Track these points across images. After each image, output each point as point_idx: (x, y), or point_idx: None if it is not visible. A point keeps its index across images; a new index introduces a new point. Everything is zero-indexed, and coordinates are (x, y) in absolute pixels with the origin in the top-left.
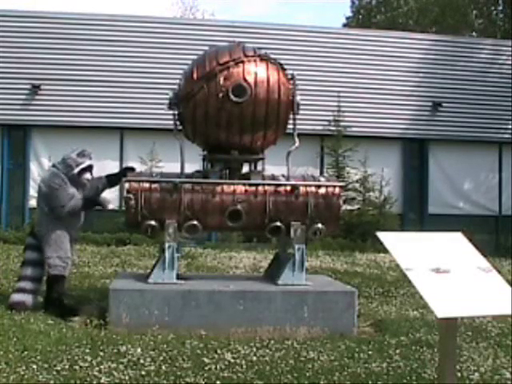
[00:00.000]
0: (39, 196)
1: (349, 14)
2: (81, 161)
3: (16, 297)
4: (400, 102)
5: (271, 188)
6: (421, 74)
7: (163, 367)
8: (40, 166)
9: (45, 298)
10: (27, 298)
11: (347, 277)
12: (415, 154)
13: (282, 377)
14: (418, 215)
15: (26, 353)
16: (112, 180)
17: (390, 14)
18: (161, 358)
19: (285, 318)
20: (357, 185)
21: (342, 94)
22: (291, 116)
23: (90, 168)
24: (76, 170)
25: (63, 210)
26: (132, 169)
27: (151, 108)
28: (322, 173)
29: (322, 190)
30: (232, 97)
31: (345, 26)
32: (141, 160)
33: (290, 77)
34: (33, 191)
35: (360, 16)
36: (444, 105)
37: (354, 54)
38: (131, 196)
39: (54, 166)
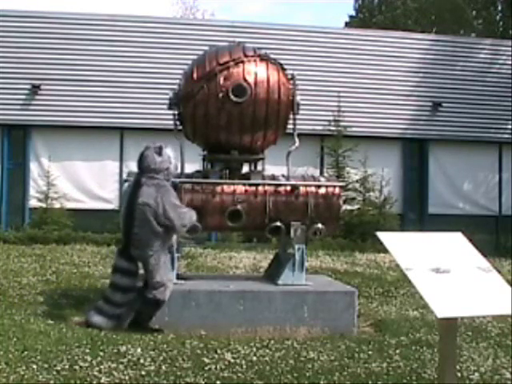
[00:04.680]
0: (146, 215)
1: (352, 12)
2: (168, 154)
3: (95, 318)
4: (400, 102)
5: (271, 188)
6: (421, 74)
7: (163, 367)
8: (40, 166)
9: (135, 317)
10: (107, 323)
11: (347, 277)
12: (415, 154)
13: (282, 377)
14: (417, 215)
15: (26, 353)
16: None
17: (390, 14)
18: (161, 358)
19: (285, 318)
20: (357, 185)
21: (342, 94)
22: (291, 116)
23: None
24: (173, 166)
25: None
26: None
27: (151, 108)
28: (321, 173)
29: (322, 190)
30: (232, 97)
31: (347, 24)
32: None
33: (290, 77)
34: (33, 191)
35: (362, 15)
36: (444, 105)
37: (354, 54)
38: None
39: (147, 179)
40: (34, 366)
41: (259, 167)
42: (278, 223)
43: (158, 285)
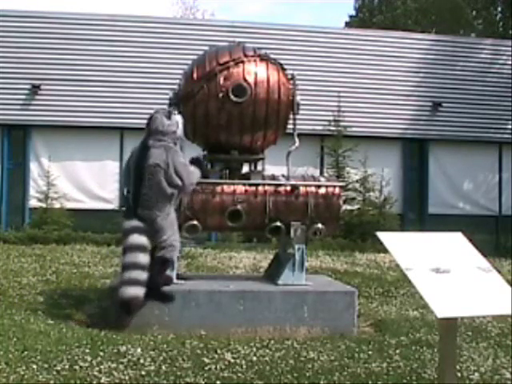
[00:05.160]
0: (157, 175)
1: (352, 12)
2: (176, 119)
3: (130, 291)
4: (400, 102)
5: (271, 188)
6: (421, 74)
7: (163, 367)
8: (40, 166)
9: (148, 283)
10: (141, 291)
11: (347, 277)
12: (415, 153)
13: (282, 377)
14: (417, 215)
15: (26, 353)
16: None
17: (390, 14)
18: (161, 358)
19: (285, 318)
20: (357, 185)
21: (342, 94)
22: (291, 116)
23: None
24: (180, 130)
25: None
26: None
27: (151, 108)
28: (321, 173)
29: (322, 190)
30: (232, 97)
31: (347, 24)
32: None
33: (290, 77)
34: (33, 191)
35: (362, 15)
36: (444, 105)
37: (354, 54)
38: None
39: (155, 141)
40: (34, 366)
41: (259, 167)
42: (278, 223)
43: (164, 243)
